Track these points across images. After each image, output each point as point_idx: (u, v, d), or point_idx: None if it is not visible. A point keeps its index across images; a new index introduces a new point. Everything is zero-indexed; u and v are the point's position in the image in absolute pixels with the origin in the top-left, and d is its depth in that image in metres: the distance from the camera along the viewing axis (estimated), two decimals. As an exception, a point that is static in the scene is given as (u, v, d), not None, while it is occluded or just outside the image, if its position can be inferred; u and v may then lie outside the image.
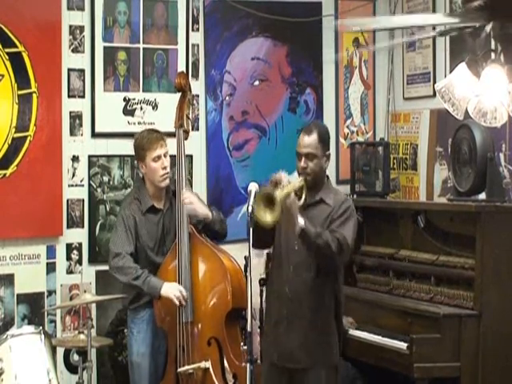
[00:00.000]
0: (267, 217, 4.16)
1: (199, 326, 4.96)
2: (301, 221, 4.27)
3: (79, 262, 5.60)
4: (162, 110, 5.76)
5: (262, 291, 5.36)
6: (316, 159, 4.49)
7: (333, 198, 4.55)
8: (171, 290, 4.92)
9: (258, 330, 5.46)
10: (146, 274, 4.94)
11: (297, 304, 4.48)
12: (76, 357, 5.13)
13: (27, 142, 5.41)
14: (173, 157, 5.16)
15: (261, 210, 4.16)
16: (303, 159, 4.49)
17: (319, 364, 4.49)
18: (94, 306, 5.48)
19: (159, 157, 5.04)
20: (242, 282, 4.95)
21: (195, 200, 5.08)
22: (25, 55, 5.38)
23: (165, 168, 5.05)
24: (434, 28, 4.43)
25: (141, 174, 5.24)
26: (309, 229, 4.29)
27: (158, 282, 4.94)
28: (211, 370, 4.89)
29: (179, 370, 4.91)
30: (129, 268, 4.94)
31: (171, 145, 5.14)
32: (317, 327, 4.50)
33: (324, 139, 4.55)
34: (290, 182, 4.36)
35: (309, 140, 4.49)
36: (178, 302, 4.90)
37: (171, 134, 5.20)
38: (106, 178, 5.67)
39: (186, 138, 5.20)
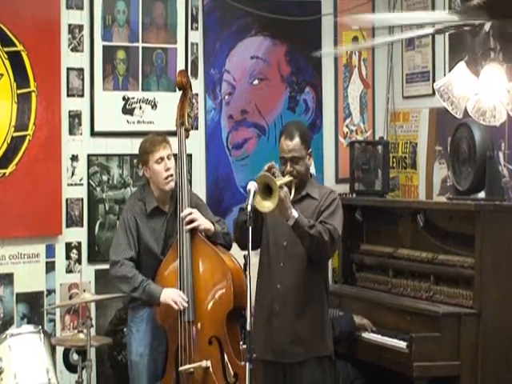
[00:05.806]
0: (267, 205, 4.24)
1: (200, 325, 4.94)
2: (294, 212, 4.38)
3: (78, 261, 5.60)
4: (161, 109, 5.75)
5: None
6: (301, 161, 4.59)
7: (318, 192, 4.66)
8: (170, 295, 4.90)
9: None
10: (144, 282, 4.90)
11: (289, 299, 4.54)
12: (75, 356, 5.13)
13: (26, 141, 5.40)
14: (174, 155, 5.13)
15: (260, 200, 4.22)
16: (289, 163, 4.57)
17: (314, 356, 4.54)
18: (93, 305, 5.47)
19: (162, 158, 4.99)
20: (243, 281, 4.94)
21: (197, 216, 4.99)
22: (24, 54, 5.37)
23: (168, 170, 4.99)
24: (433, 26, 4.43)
25: (144, 176, 5.20)
26: (302, 220, 4.40)
27: (156, 290, 4.91)
28: (212, 369, 4.88)
29: (180, 368, 4.90)
30: (127, 278, 4.91)
31: (173, 144, 5.12)
32: (310, 320, 4.55)
33: (305, 139, 4.64)
34: (279, 174, 4.46)
35: (292, 144, 4.58)
36: (176, 307, 4.88)
37: (171, 133, 5.19)
38: (105, 177, 5.66)
39: (187, 137, 5.19)
